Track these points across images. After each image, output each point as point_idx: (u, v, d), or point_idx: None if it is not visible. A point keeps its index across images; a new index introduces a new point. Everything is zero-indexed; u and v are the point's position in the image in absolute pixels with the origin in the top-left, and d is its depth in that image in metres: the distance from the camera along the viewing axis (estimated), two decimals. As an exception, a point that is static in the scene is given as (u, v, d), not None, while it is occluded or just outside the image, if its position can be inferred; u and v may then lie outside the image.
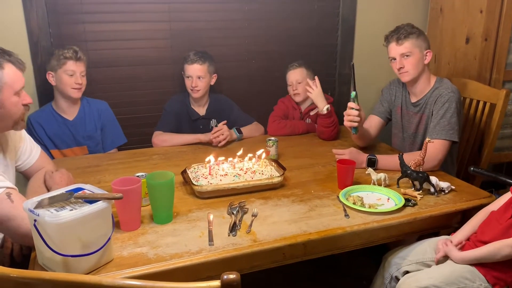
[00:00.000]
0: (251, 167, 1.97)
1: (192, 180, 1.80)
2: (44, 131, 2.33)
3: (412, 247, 1.74)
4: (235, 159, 2.00)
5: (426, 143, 1.83)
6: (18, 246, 1.64)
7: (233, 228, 1.51)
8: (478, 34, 2.60)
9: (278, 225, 1.55)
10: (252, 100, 2.80)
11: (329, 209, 1.67)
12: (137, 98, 2.68)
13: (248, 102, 2.73)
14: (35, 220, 1.21)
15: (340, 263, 2.46)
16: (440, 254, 1.63)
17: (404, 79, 2.18)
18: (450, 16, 2.81)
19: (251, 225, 1.54)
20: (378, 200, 1.74)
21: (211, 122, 2.62)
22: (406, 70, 2.14)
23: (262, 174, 1.91)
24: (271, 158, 2.10)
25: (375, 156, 2.05)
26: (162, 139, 2.49)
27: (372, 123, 2.37)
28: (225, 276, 0.87)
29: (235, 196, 1.76)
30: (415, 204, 1.70)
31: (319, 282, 2.35)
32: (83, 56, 2.30)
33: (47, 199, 1.25)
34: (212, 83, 2.58)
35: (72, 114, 2.39)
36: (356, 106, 2.05)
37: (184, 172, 1.89)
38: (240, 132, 2.53)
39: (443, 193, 1.80)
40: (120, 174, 1.93)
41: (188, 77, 2.51)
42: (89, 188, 1.34)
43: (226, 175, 1.89)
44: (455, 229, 1.72)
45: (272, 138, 2.22)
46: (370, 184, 1.87)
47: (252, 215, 1.61)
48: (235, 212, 1.62)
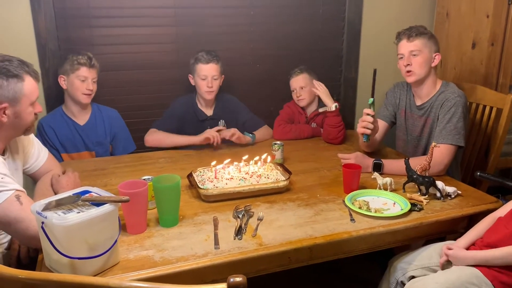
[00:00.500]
0: (257, 171, 1.97)
1: (198, 183, 1.81)
2: (55, 135, 2.35)
3: (418, 252, 1.73)
4: (241, 163, 2.00)
5: (432, 147, 1.83)
6: (25, 248, 1.65)
7: (238, 232, 1.51)
8: (484, 39, 2.60)
9: (284, 229, 1.55)
10: (258, 104, 2.80)
11: (334, 213, 1.67)
12: (143, 102, 2.69)
13: (254, 106, 2.73)
14: (42, 223, 1.22)
15: (346, 268, 2.46)
16: (443, 258, 1.62)
17: (409, 79, 2.18)
18: (457, 20, 2.81)
19: (256, 229, 1.54)
20: (384, 204, 1.74)
21: (219, 122, 2.61)
22: (413, 69, 2.14)
23: (268, 178, 1.91)
24: (277, 162, 2.10)
25: (381, 161, 2.04)
26: (155, 137, 2.47)
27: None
28: (231, 279, 0.87)
29: (241, 200, 1.77)
30: (421, 209, 1.70)
31: (325, 287, 2.34)
32: (96, 63, 2.34)
33: (55, 201, 1.26)
34: (220, 84, 2.57)
35: (83, 119, 2.41)
36: (372, 112, 2.05)
37: (190, 176, 1.90)
38: (253, 135, 2.53)
39: (449, 198, 1.79)
40: (126, 177, 1.93)
41: (203, 78, 2.46)
42: (96, 191, 1.35)
43: (232, 178, 1.90)
44: (461, 234, 1.70)
45: (278, 142, 2.22)
46: (376, 188, 1.86)
47: (257, 219, 1.61)
48: (240, 216, 1.62)
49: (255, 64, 2.84)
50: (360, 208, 1.68)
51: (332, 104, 2.51)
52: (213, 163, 1.95)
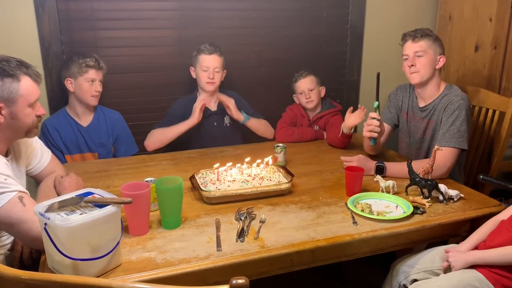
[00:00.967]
0: (259, 173, 1.98)
1: (201, 185, 1.81)
2: (59, 136, 2.37)
3: (421, 255, 1.72)
4: (243, 165, 2.00)
5: (435, 150, 1.82)
6: (28, 249, 1.65)
7: (241, 234, 1.51)
8: (487, 42, 2.60)
9: (286, 231, 1.55)
10: (261, 106, 2.80)
11: (337, 216, 1.67)
12: (146, 104, 2.69)
13: (257, 108, 2.73)
14: (45, 224, 1.22)
15: (348, 271, 2.45)
16: (446, 263, 1.61)
17: (413, 80, 2.18)
18: (459, 24, 2.81)
19: (259, 231, 1.54)
20: (386, 207, 1.74)
21: (225, 118, 2.61)
22: (417, 70, 2.14)
23: (270, 180, 1.91)
24: (279, 165, 2.10)
25: (384, 163, 2.04)
26: (153, 138, 2.45)
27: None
28: (234, 281, 0.87)
29: (243, 202, 1.77)
30: (423, 212, 1.70)
31: (327, 290, 2.35)
32: (103, 65, 2.36)
33: (57, 203, 1.26)
34: (222, 79, 2.56)
35: (86, 121, 2.42)
36: (378, 116, 2.04)
37: (192, 178, 1.90)
38: (247, 116, 2.52)
39: (452, 201, 1.79)
40: (129, 179, 1.94)
41: (205, 70, 2.46)
42: (98, 193, 1.36)
43: (234, 181, 1.90)
44: (464, 237, 1.70)
45: (280, 145, 2.22)
46: (378, 191, 1.86)
47: (260, 221, 1.61)
48: (243, 218, 1.62)
49: (259, 67, 2.85)
50: (362, 211, 1.67)
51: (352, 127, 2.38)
52: (215, 165, 1.96)
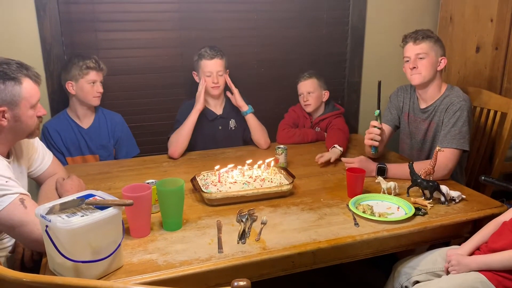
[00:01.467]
0: (261, 174, 1.97)
1: (202, 187, 1.81)
2: (60, 138, 2.37)
3: (422, 256, 1.72)
4: (244, 167, 2.00)
5: (437, 152, 1.82)
6: (29, 251, 1.65)
7: (242, 236, 1.51)
8: (488, 43, 2.59)
9: (288, 233, 1.55)
10: (262, 108, 2.80)
11: (338, 217, 1.67)
12: (148, 106, 2.69)
13: (258, 110, 2.73)
14: (46, 226, 1.22)
15: (349, 273, 2.44)
16: (447, 264, 1.61)
17: (415, 81, 2.17)
18: (460, 25, 2.80)
19: (260, 233, 1.54)
20: (388, 209, 1.74)
21: (230, 122, 2.60)
22: (419, 72, 2.13)
23: (271, 182, 1.91)
24: (280, 166, 2.10)
25: (385, 165, 2.04)
26: (173, 143, 2.37)
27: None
28: (235, 283, 0.87)
29: (244, 204, 1.76)
30: (425, 213, 1.69)
31: (328, 291, 2.34)
32: (104, 66, 2.36)
33: (59, 205, 1.26)
34: (227, 79, 2.53)
35: (87, 123, 2.43)
36: (379, 124, 2.03)
37: (193, 180, 1.90)
38: (250, 107, 2.53)
39: (453, 202, 1.79)
40: (130, 181, 1.94)
41: (208, 75, 2.43)
42: (100, 195, 1.36)
43: (236, 182, 1.90)
44: (465, 238, 1.70)
45: (281, 146, 2.22)
46: (380, 192, 1.86)
47: (261, 223, 1.61)
48: (244, 220, 1.62)
49: (259, 68, 2.84)
50: (364, 212, 1.67)
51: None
52: (216, 167, 1.96)
